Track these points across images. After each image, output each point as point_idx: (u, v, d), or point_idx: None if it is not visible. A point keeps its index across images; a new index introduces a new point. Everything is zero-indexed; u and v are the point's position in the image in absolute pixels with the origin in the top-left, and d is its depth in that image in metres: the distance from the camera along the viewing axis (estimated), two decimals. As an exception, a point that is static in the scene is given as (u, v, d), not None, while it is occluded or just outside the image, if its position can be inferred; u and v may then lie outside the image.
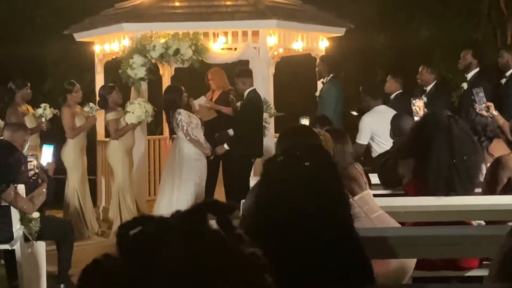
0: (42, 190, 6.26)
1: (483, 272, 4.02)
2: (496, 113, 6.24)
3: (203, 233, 1.13)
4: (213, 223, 1.20)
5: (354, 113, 9.22)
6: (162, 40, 9.37)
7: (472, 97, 6.35)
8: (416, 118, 6.56)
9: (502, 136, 6.07)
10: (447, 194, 4.54)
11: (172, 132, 8.84)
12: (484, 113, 6.22)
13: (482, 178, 4.86)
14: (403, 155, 4.77)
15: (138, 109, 9.08)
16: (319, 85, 10.02)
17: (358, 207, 4.34)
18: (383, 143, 7.58)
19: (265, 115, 9.43)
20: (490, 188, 4.92)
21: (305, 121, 7.25)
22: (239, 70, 9.17)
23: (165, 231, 1.12)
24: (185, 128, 8.47)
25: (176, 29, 9.47)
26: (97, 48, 10.56)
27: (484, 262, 4.11)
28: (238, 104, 9.16)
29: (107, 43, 10.30)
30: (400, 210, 4.41)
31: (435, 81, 9.69)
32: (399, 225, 4.43)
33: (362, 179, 4.50)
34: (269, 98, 9.78)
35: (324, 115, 8.23)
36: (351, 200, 4.29)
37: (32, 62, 13.91)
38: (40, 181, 6.31)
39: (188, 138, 8.52)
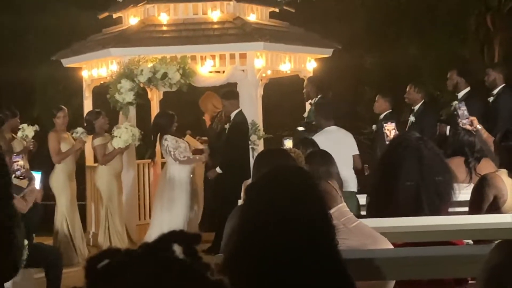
0: (33, 187, 6.32)
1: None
2: (480, 127, 6.24)
3: (168, 262, 1.13)
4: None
5: (300, 128, 9.20)
6: (150, 64, 9.37)
7: (455, 112, 6.37)
8: (386, 142, 6.62)
9: (489, 154, 6.07)
10: (415, 213, 4.56)
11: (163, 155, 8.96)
12: (468, 127, 6.23)
13: (456, 197, 4.89)
14: (375, 180, 4.79)
15: (124, 133, 9.10)
16: (308, 106, 10.03)
17: (336, 219, 4.39)
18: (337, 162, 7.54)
19: (254, 137, 9.43)
20: (476, 206, 4.91)
21: (288, 142, 7.23)
22: (225, 92, 9.28)
23: (131, 262, 1.12)
24: (172, 152, 8.61)
25: (163, 53, 9.48)
26: (85, 73, 10.56)
27: (470, 282, 4.10)
28: (227, 126, 9.22)
29: (95, 68, 10.30)
30: (387, 231, 4.39)
31: (423, 100, 9.71)
32: (379, 235, 4.45)
33: (337, 193, 4.55)
34: (257, 120, 9.78)
35: (307, 138, 8.21)
36: None
37: (20, 87, 13.88)
38: (28, 179, 6.39)
39: (177, 162, 8.58)
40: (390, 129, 7.22)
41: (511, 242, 2.59)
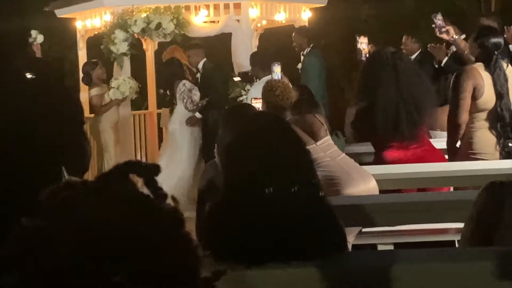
0: None
1: (456, 237, 4.06)
2: (456, 37, 6.27)
3: (121, 194, 1.15)
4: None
5: (236, 78, 9.19)
6: (144, 15, 9.31)
7: (433, 25, 6.34)
8: (362, 58, 6.49)
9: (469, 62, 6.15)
10: (394, 131, 4.64)
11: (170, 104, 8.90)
12: (445, 36, 6.27)
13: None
14: (356, 98, 4.87)
15: (123, 85, 9.10)
16: (302, 57, 9.98)
17: (322, 151, 4.50)
18: None
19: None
20: (456, 97, 5.09)
21: (277, 68, 7.08)
22: (187, 45, 9.30)
23: (86, 194, 1.14)
24: (185, 100, 8.65)
25: (157, 3, 9.41)
26: (78, 24, 10.49)
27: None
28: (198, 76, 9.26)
29: (89, 19, 10.23)
30: (376, 178, 4.44)
31: (419, 50, 9.64)
32: (363, 169, 4.55)
33: (323, 126, 4.66)
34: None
35: (302, 84, 8.17)
36: (314, 145, 4.44)
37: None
38: None
39: (187, 110, 8.68)
40: (365, 42, 6.95)
41: (498, 183, 2.62)
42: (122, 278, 1.07)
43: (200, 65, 9.29)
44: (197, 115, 8.90)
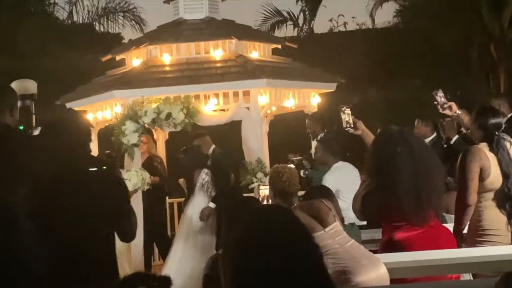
0: None
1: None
2: (460, 112, 6.21)
3: None
4: None
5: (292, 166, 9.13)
6: (154, 105, 9.37)
7: (435, 102, 6.28)
8: (349, 129, 6.34)
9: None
10: (416, 203, 4.52)
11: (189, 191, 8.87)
12: (448, 112, 6.21)
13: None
14: (369, 178, 4.77)
15: (134, 177, 9.09)
16: (314, 143, 9.98)
17: (331, 238, 4.41)
18: (348, 198, 7.44)
19: (260, 174, 9.38)
20: (463, 180, 5.07)
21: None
22: (194, 134, 9.37)
23: None
24: (210, 189, 8.65)
25: (166, 93, 9.49)
26: (89, 117, 10.56)
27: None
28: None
29: (99, 111, 10.31)
30: (392, 266, 4.33)
31: (434, 133, 9.57)
32: (373, 255, 4.44)
33: (330, 212, 4.58)
34: (263, 157, 9.75)
35: (323, 186, 8.00)
36: (322, 232, 4.35)
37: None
38: None
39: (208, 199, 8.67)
40: (349, 113, 6.67)
41: None
42: None
43: (210, 152, 9.31)
44: (211, 204, 8.86)
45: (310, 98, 10.57)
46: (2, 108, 4.07)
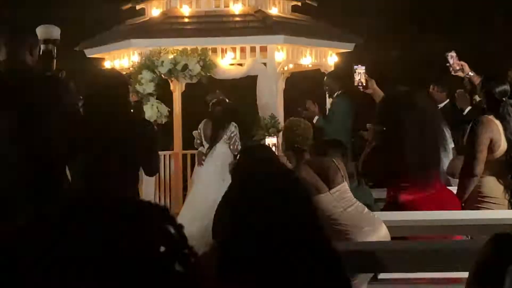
0: None
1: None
2: (472, 74, 6.20)
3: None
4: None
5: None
6: (171, 56, 9.43)
7: (447, 64, 6.27)
8: (359, 87, 6.38)
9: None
10: (421, 164, 4.56)
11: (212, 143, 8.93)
12: (460, 74, 6.20)
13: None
14: (375, 136, 4.81)
15: (149, 110, 9.17)
16: (329, 101, 10.02)
17: (334, 200, 4.45)
18: None
19: (273, 130, 9.45)
20: (471, 150, 5.03)
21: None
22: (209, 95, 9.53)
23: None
24: (237, 143, 8.69)
25: (184, 44, 9.54)
26: (107, 64, 10.64)
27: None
28: None
29: (117, 59, 10.39)
30: (389, 224, 4.40)
31: (448, 99, 9.55)
32: (376, 219, 4.48)
33: (339, 172, 4.60)
34: (277, 114, 9.80)
35: (336, 139, 8.06)
36: (327, 193, 4.40)
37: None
38: None
39: (235, 153, 8.72)
40: (362, 72, 6.74)
41: (505, 235, 2.57)
42: None
43: None
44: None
45: (327, 57, 10.58)
46: (22, 46, 4.25)
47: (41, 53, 4.57)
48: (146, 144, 4.48)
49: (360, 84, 6.30)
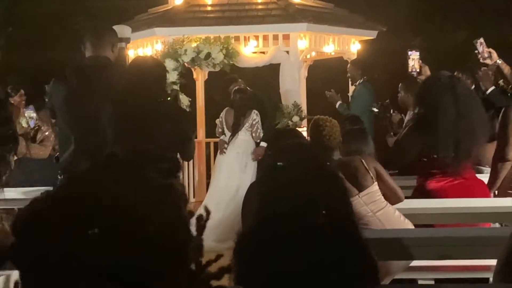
0: (48, 133, 6.99)
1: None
2: (500, 61, 6.13)
3: None
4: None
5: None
6: (194, 44, 9.44)
7: (476, 51, 6.21)
8: (412, 73, 6.34)
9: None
10: (453, 151, 4.53)
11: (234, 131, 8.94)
12: (489, 61, 6.15)
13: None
14: (413, 120, 4.77)
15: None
16: (352, 89, 10.01)
17: (364, 204, 4.34)
18: None
19: (296, 118, 9.45)
20: (505, 134, 4.95)
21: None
22: (226, 79, 9.47)
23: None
24: (259, 130, 8.68)
25: (207, 33, 9.54)
26: (130, 53, 10.65)
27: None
28: None
29: (141, 48, 10.41)
30: (417, 212, 4.39)
31: (473, 86, 9.48)
32: (405, 223, 4.43)
33: (368, 173, 4.46)
34: (300, 101, 9.79)
35: (354, 115, 8.21)
36: (356, 196, 4.29)
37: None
38: (42, 127, 7.04)
39: (258, 140, 8.73)
40: (416, 58, 6.66)
41: None
42: None
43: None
44: (263, 144, 8.89)
45: (350, 44, 10.54)
46: (106, 44, 4.85)
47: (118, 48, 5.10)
48: (183, 130, 4.72)
49: (414, 70, 6.29)
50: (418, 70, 6.04)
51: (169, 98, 5.37)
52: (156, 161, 1.25)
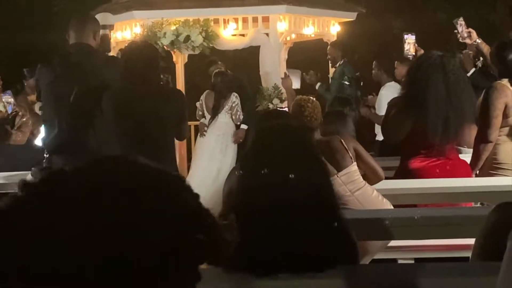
0: (26, 118, 6.95)
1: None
2: (480, 41, 6.16)
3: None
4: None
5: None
6: (173, 27, 9.40)
7: (455, 31, 6.23)
8: (408, 56, 6.35)
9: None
10: (442, 130, 4.55)
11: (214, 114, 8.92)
12: (468, 41, 6.17)
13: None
14: (404, 98, 4.77)
15: None
16: (333, 71, 10.01)
17: (343, 184, 4.35)
18: None
19: (276, 100, 9.45)
20: (486, 116, 4.98)
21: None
22: (207, 61, 9.70)
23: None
24: (239, 113, 8.68)
25: (186, 16, 9.49)
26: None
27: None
28: None
29: (119, 31, 10.33)
30: (398, 192, 4.41)
31: None
32: (383, 203, 4.45)
33: (347, 153, 4.47)
34: (280, 84, 9.76)
35: (344, 96, 8.29)
36: (335, 176, 4.30)
37: (50, 51, 13.97)
38: (20, 113, 7.00)
39: (237, 123, 8.73)
40: (411, 42, 6.63)
41: (509, 204, 2.57)
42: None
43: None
44: (243, 126, 8.89)
45: (329, 26, 10.53)
46: (88, 32, 4.97)
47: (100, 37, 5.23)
48: (178, 111, 4.89)
49: (409, 54, 6.28)
50: (413, 54, 6.03)
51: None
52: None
